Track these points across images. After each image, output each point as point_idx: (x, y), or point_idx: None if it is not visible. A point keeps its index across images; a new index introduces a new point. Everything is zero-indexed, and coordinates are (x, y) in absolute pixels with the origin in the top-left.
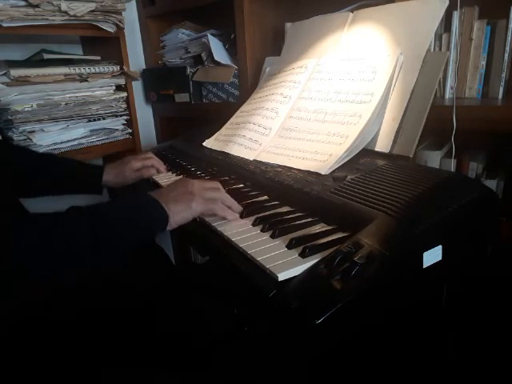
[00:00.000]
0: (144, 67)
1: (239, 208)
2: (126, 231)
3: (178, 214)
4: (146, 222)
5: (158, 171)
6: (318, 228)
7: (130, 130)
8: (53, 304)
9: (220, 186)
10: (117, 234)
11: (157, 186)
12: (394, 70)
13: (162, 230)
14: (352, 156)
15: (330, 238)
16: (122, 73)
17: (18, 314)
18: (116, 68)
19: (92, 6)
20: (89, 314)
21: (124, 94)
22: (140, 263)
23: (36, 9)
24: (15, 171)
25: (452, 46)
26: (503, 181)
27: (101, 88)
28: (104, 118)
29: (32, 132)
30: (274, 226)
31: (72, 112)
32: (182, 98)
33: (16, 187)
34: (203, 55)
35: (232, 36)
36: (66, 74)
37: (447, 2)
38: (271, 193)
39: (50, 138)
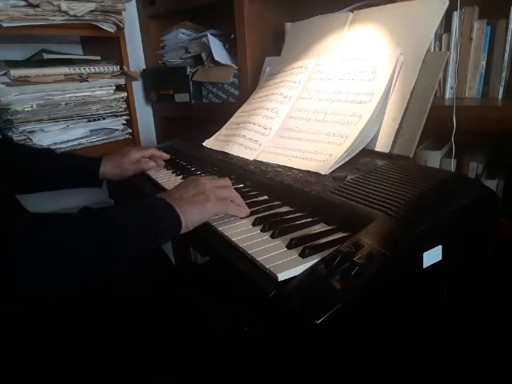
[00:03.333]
0: (144, 67)
1: (247, 209)
2: (138, 238)
3: (194, 217)
4: (159, 229)
5: (161, 157)
6: (318, 228)
7: (130, 130)
8: (52, 306)
9: (229, 183)
10: (128, 241)
11: (156, 185)
12: (394, 70)
13: (175, 235)
14: (352, 156)
15: (329, 238)
16: (122, 73)
17: (18, 317)
18: (116, 68)
19: (92, 5)
20: (88, 315)
21: (124, 94)
22: (140, 263)
23: (36, 9)
24: (13, 168)
25: (452, 45)
26: (503, 181)
27: (101, 88)
28: (104, 118)
29: (32, 132)
30: (274, 226)
31: (72, 112)
32: (181, 98)
33: (15, 184)
34: (203, 55)
35: (232, 36)
36: (66, 74)
37: (447, 3)
38: (271, 193)
39: (50, 138)
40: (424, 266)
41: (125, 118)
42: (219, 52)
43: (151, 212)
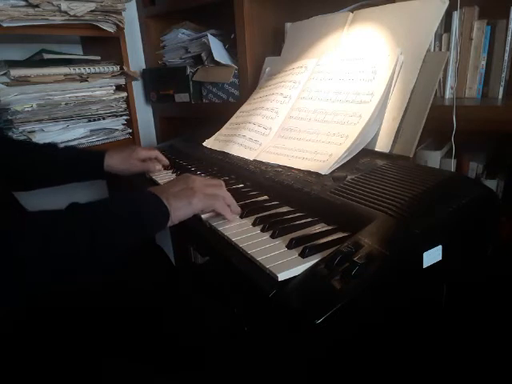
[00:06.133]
0: (144, 67)
1: (238, 209)
2: (128, 229)
3: (179, 210)
4: (147, 220)
5: (163, 164)
6: (318, 228)
7: (130, 130)
8: (52, 305)
9: (222, 183)
10: (118, 232)
11: (156, 185)
12: (394, 69)
13: (163, 227)
14: (352, 156)
15: (329, 238)
16: (122, 73)
17: (19, 314)
18: (116, 68)
19: (92, 5)
20: (88, 314)
21: (124, 94)
22: (140, 263)
23: (36, 9)
24: (14, 165)
25: (452, 45)
26: (503, 181)
27: (101, 88)
28: (104, 118)
29: (32, 132)
30: (274, 226)
31: (72, 112)
32: (181, 98)
33: (15, 181)
34: (203, 55)
35: (232, 36)
36: (66, 74)
37: (447, 2)
38: (271, 193)
39: (50, 138)
40: (424, 266)
41: (125, 117)
42: (219, 52)
43: (139, 204)
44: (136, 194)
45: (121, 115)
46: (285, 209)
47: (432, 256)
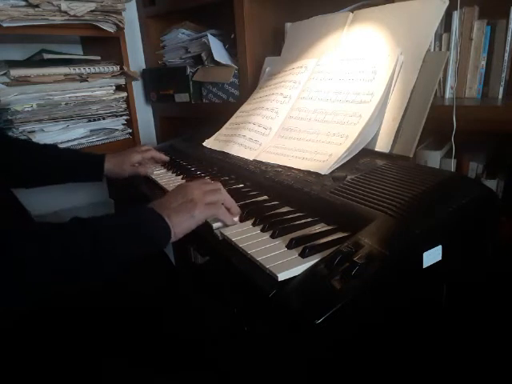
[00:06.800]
0: (144, 67)
1: (238, 210)
2: (129, 248)
3: (182, 225)
4: (148, 239)
5: (161, 160)
6: (318, 228)
7: (130, 130)
8: (53, 306)
9: (220, 186)
10: (119, 250)
11: (156, 185)
12: (394, 69)
13: (165, 244)
14: (352, 156)
15: (329, 238)
16: (122, 73)
17: (19, 315)
18: (116, 68)
19: (92, 5)
20: (88, 315)
21: (124, 94)
22: (140, 264)
23: (36, 9)
24: (15, 164)
25: (452, 46)
26: (503, 181)
27: (101, 88)
28: (104, 118)
29: (32, 132)
30: (273, 226)
31: (72, 112)
32: (181, 98)
33: (15, 179)
34: (203, 55)
35: (232, 36)
36: (66, 74)
37: (447, 2)
38: (271, 193)
39: (50, 138)
40: (424, 266)
41: (125, 117)
42: (219, 52)
43: (140, 223)
44: (137, 212)
45: (121, 115)
46: (285, 209)
47: (432, 256)
